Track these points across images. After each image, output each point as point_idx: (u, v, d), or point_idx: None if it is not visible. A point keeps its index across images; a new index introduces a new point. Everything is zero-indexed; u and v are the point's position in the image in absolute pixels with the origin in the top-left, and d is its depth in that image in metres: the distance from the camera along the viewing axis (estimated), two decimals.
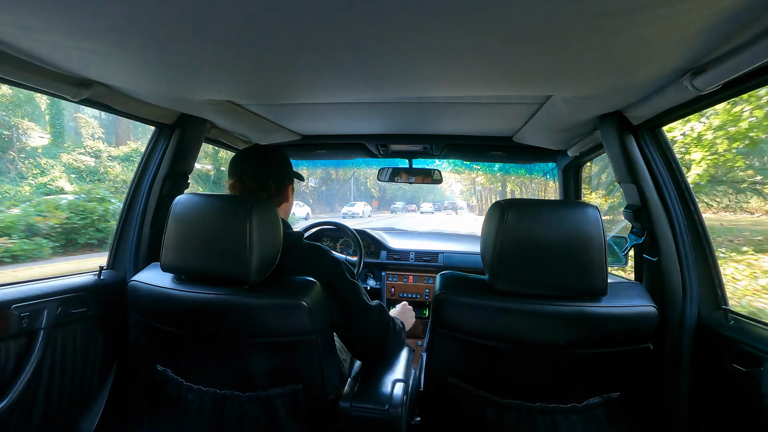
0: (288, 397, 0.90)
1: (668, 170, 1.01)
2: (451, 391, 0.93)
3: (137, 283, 0.92)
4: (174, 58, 0.77)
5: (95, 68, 0.86)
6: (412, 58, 0.74)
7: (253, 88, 1.01)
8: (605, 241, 0.81)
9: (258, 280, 0.83)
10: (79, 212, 7.26)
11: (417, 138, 1.70)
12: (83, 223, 7.26)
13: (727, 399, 0.87)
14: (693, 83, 0.75)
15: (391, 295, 2.21)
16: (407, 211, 34.10)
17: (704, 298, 0.95)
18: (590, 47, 0.66)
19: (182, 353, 0.93)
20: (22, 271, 5.61)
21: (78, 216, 7.22)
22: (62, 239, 6.97)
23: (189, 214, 0.85)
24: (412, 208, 35.80)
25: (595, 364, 0.86)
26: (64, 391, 1.09)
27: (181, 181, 1.32)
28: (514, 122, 1.38)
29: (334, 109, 1.28)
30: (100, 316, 1.17)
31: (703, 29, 0.60)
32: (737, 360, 0.83)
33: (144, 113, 1.18)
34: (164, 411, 0.97)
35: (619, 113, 1.05)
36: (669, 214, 0.99)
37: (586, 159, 1.60)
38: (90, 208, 7.40)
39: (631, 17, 0.55)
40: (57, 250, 6.75)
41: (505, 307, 0.84)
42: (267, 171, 1.03)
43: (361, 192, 35.17)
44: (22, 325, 0.98)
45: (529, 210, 0.83)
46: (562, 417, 0.87)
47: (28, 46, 0.75)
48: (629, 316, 0.83)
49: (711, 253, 0.97)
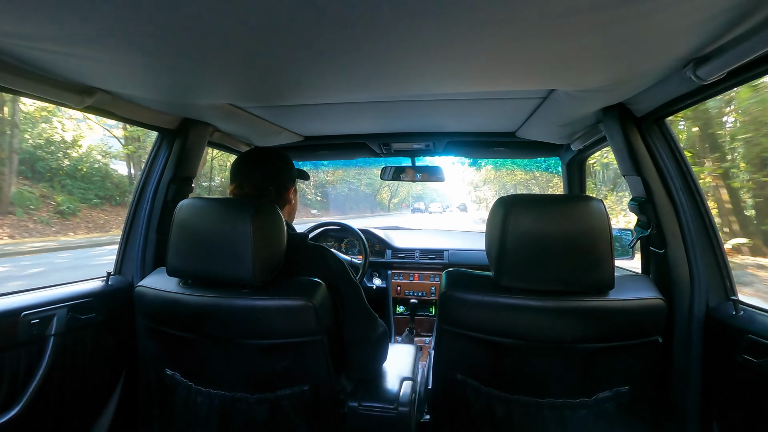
0: (296, 398, 0.90)
1: (673, 161, 1.00)
2: (459, 389, 0.93)
3: (143, 288, 0.93)
4: (175, 63, 0.78)
5: (97, 76, 0.87)
6: (413, 56, 0.74)
7: (254, 90, 1.01)
8: (611, 234, 0.81)
9: (263, 282, 0.83)
10: None
11: (419, 136, 1.70)
12: None
13: (738, 390, 0.87)
14: (696, 73, 0.74)
15: (397, 293, 2.22)
16: (427, 211, 34.01)
17: (713, 289, 0.95)
18: (592, 40, 0.65)
19: (190, 357, 0.93)
20: None
21: None
22: None
23: (193, 218, 0.86)
24: (419, 205, 35.79)
25: (604, 359, 0.86)
26: (75, 397, 1.10)
27: (185, 186, 1.33)
28: (516, 117, 1.38)
29: (335, 110, 1.28)
30: (108, 321, 1.18)
31: (706, 18, 0.59)
32: (748, 351, 0.82)
33: (147, 119, 1.19)
34: (174, 415, 0.98)
35: (622, 105, 1.04)
36: (675, 206, 0.98)
37: (589, 152, 1.59)
38: None
39: (632, 8, 0.55)
40: None
41: (511, 303, 0.84)
42: (267, 176, 1.03)
43: (367, 194, 35.13)
44: (32, 332, 0.99)
45: (533, 205, 0.83)
46: (572, 412, 0.87)
47: (31, 56, 0.75)
48: (637, 308, 0.83)
49: (718, 243, 0.96)
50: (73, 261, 7.33)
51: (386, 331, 1.07)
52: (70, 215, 10.40)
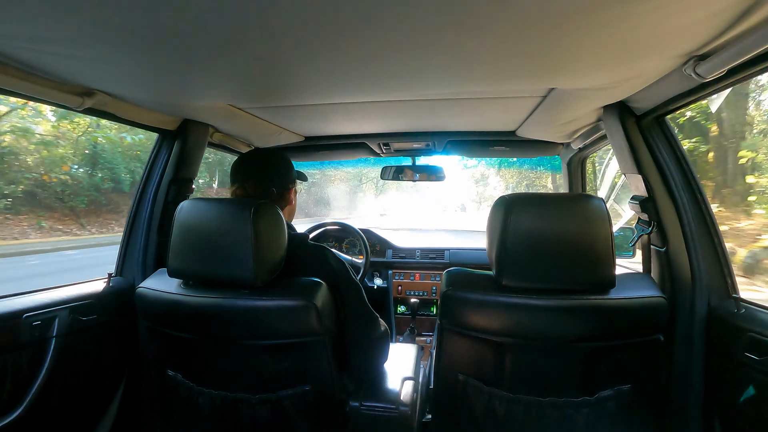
0: (298, 398, 0.90)
1: (674, 159, 1.00)
2: (460, 388, 0.93)
3: (145, 289, 0.93)
4: (175, 64, 0.78)
5: (97, 77, 0.87)
6: (413, 56, 0.74)
7: (254, 91, 1.01)
8: (612, 232, 0.81)
9: (264, 282, 0.83)
10: None
11: (419, 135, 1.70)
12: None
13: (739, 388, 0.86)
14: (696, 71, 0.74)
15: (398, 293, 2.22)
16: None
17: (714, 287, 0.94)
18: (591, 38, 0.65)
19: (192, 357, 0.93)
20: None
21: None
22: None
23: (193, 219, 0.86)
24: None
25: (606, 357, 0.85)
26: (77, 399, 1.10)
27: (185, 187, 1.33)
28: (516, 116, 1.38)
29: (335, 110, 1.28)
30: (110, 322, 1.18)
31: (706, 16, 0.59)
32: (749, 349, 0.82)
33: (147, 120, 1.19)
34: (176, 415, 0.98)
35: (622, 104, 1.04)
36: (676, 204, 0.98)
37: (590, 151, 1.59)
38: None
39: (632, 6, 0.55)
40: None
41: (512, 302, 0.84)
42: (268, 177, 1.03)
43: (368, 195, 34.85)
44: (34, 333, 0.99)
45: (533, 204, 0.83)
46: (573, 411, 0.87)
47: (31, 58, 0.76)
48: (638, 307, 0.83)
49: (719, 241, 0.96)
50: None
51: (387, 331, 1.07)
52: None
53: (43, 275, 5.88)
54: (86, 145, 10.42)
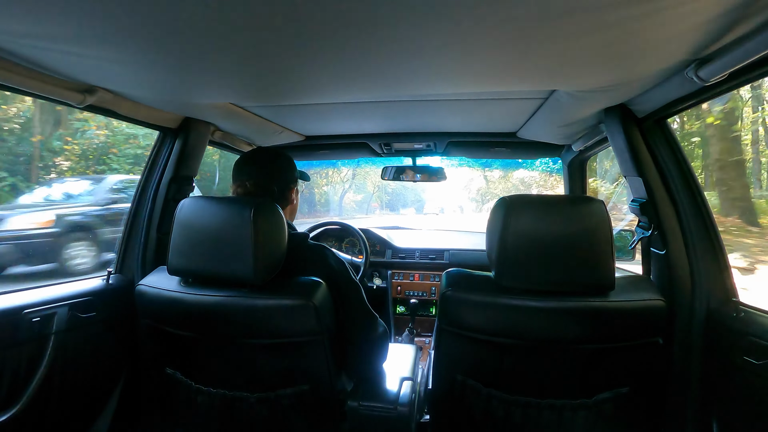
0: (297, 397, 0.90)
1: (674, 162, 1.00)
2: (459, 389, 0.93)
3: (144, 287, 0.93)
4: (177, 62, 0.78)
5: (99, 74, 0.87)
6: (414, 56, 0.74)
7: (255, 90, 1.01)
8: (611, 235, 0.81)
9: (264, 281, 0.83)
10: None
11: (420, 136, 1.70)
12: None
13: (738, 392, 0.86)
14: (698, 74, 0.74)
15: (397, 293, 2.22)
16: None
17: (713, 291, 0.94)
18: (593, 40, 0.65)
19: (191, 355, 0.94)
20: None
21: None
22: None
23: (194, 217, 0.86)
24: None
25: (604, 359, 0.85)
26: (76, 395, 1.10)
27: (186, 185, 1.33)
28: (517, 118, 1.38)
29: (336, 109, 1.28)
30: (109, 320, 1.18)
31: (708, 19, 0.59)
32: (748, 353, 0.82)
33: (148, 118, 1.19)
34: (174, 413, 0.98)
35: (623, 106, 1.04)
36: (676, 207, 0.98)
37: (591, 153, 1.59)
38: None
39: (634, 8, 0.55)
40: None
41: (512, 304, 0.84)
42: (270, 176, 1.03)
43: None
44: (34, 330, 1.00)
45: (533, 206, 0.83)
46: (571, 413, 0.87)
47: (33, 55, 0.76)
48: (637, 309, 0.83)
49: (719, 245, 0.96)
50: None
51: (386, 331, 1.07)
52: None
53: None
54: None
